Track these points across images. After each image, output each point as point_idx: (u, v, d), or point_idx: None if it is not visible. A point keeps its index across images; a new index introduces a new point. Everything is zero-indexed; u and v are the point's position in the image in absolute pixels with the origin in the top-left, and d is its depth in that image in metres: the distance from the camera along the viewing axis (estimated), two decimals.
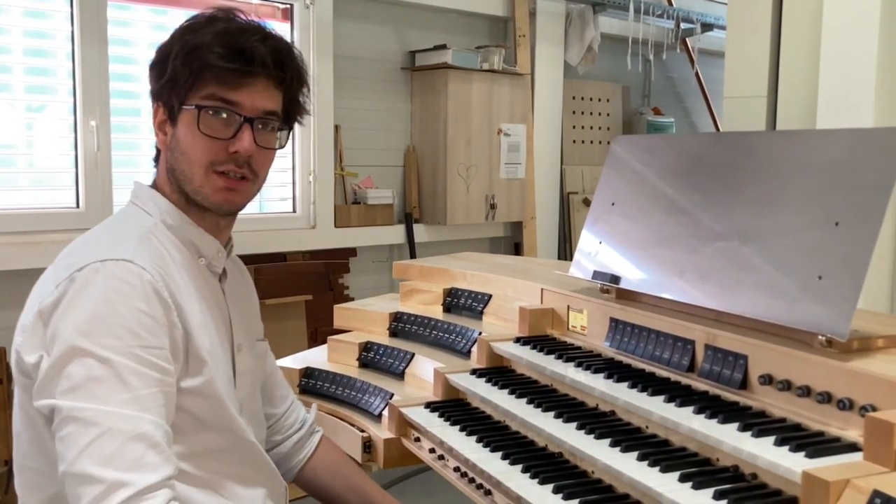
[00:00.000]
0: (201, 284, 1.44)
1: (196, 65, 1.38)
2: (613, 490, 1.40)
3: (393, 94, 4.45)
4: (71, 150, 3.40)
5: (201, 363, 1.37)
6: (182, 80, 1.39)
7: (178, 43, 1.40)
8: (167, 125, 1.44)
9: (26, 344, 1.29)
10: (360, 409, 2.05)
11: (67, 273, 1.29)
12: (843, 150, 1.45)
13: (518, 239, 4.99)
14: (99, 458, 1.17)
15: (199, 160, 1.40)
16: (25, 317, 1.32)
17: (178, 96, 1.40)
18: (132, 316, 1.25)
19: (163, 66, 1.41)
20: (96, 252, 1.31)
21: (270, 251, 3.92)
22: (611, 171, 1.97)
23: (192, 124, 1.39)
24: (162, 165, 1.48)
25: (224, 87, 1.39)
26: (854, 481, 1.06)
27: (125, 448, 1.18)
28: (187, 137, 1.40)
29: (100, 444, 1.18)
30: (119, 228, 1.43)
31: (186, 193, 1.44)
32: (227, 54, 1.37)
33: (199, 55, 1.37)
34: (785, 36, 3.40)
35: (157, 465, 1.20)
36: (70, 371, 1.22)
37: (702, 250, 1.64)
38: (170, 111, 1.43)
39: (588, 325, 1.87)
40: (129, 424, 1.20)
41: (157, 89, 1.44)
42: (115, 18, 3.47)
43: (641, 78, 5.76)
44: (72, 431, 1.20)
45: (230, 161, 1.41)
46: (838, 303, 1.33)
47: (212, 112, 1.39)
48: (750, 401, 1.42)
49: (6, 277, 3.15)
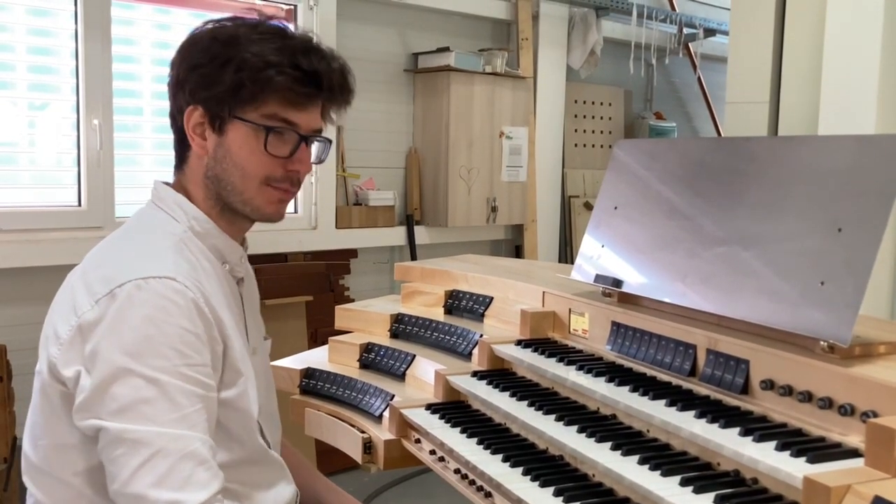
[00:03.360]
0: (227, 291, 1.45)
1: (264, 83, 1.36)
2: (614, 493, 1.40)
3: (395, 95, 4.45)
4: (73, 149, 3.40)
5: (237, 374, 1.39)
6: (244, 94, 1.36)
7: (239, 54, 1.35)
8: (207, 130, 1.41)
9: (63, 357, 1.28)
10: (361, 410, 2.05)
11: (107, 288, 1.28)
12: (845, 157, 1.45)
13: (519, 242, 4.99)
14: (152, 479, 1.20)
15: (255, 175, 1.41)
16: (61, 327, 1.30)
17: (232, 108, 1.38)
18: (178, 335, 1.26)
19: (213, 72, 1.37)
20: (135, 267, 1.29)
21: (272, 251, 3.92)
22: (613, 175, 1.97)
23: (252, 141, 1.39)
24: (196, 170, 1.44)
25: (288, 107, 1.39)
26: (855, 487, 1.07)
27: (176, 468, 1.21)
28: (243, 152, 1.39)
29: (152, 465, 1.21)
30: (149, 237, 1.40)
31: (228, 202, 1.43)
32: (300, 77, 1.37)
33: (269, 74, 1.35)
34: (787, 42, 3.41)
35: (206, 482, 1.23)
36: (117, 392, 1.23)
37: (704, 255, 1.64)
38: (214, 118, 1.39)
39: (589, 329, 1.87)
40: (178, 444, 1.22)
41: (201, 94, 1.39)
42: (118, 17, 3.47)
43: (644, 82, 5.76)
44: (123, 452, 1.22)
45: (286, 179, 1.43)
46: (840, 308, 1.33)
47: (279, 133, 1.39)
48: (751, 406, 1.42)
49: (8, 275, 3.15)
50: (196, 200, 1.45)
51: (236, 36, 1.38)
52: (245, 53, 1.36)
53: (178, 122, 1.44)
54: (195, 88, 1.39)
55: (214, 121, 1.40)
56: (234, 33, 1.39)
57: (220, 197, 1.44)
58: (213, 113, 1.39)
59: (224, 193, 1.43)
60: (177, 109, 1.43)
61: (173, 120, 1.46)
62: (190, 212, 1.43)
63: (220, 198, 1.44)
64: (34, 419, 1.38)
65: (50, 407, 1.33)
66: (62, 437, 1.32)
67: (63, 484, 1.34)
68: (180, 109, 1.42)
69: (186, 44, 1.43)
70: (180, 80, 1.41)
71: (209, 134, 1.41)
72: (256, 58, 1.35)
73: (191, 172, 1.46)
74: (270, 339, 1.68)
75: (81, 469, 1.32)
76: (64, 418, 1.31)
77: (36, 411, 1.37)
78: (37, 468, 1.37)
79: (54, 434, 1.33)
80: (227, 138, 1.40)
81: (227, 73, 1.36)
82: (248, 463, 1.44)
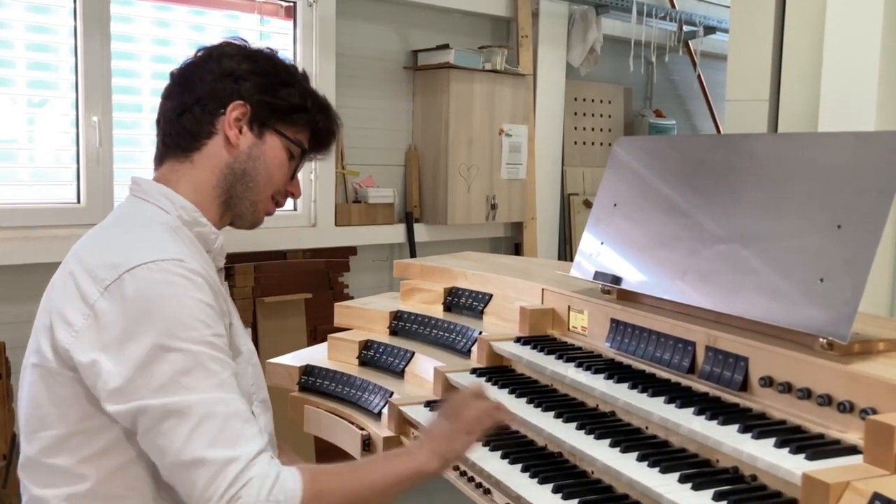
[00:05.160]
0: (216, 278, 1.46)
1: (314, 120, 1.55)
2: (613, 490, 1.41)
3: (395, 93, 4.44)
4: (72, 146, 3.39)
5: (237, 352, 1.44)
6: (295, 117, 1.53)
7: (298, 84, 1.54)
8: (244, 127, 1.49)
9: (77, 343, 1.30)
10: (360, 407, 2.05)
11: (114, 273, 1.30)
12: (845, 154, 1.45)
13: (518, 240, 4.98)
14: (205, 441, 1.24)
15: (273, 186, 1.54)
16: (72, 315, 1.31)
17: (277, 121, 1.51)
18: (198, 307, 1.31)
19: (276, 85, 1.51)
20: (141, 252, 1.32)
21: (271, 249, 3.91)
22: (613, 173, 1.97)
23: (283, 154, 1.53)
24: (217, 158, 1.49)
25: (310, 143, 1.58)
26: (854, 484, 1.07)
27: (226, 427, 1.26)
28: (277, 161, 1.53)
29: (202, 429, 1.24)
30: (144, 226, 1.43)
31: (236, 196, 1.51)
32: (330, 131, 1.61)
33: (319, 117, 1.56)
34: (787, 39, 3.40)
35: (254, 436, 1.28)
36: (155, 370, 1.26)
37: (703, 252, 1.64)
38: (256, 119, 1.49)
39: (589, 326, 1.87)
40: (222, 406, 1.27)
41: (257, 96, 1.49)
42: (117, 14, 3.46)
43: (643, 80, 5.75)
44: (172, 424, 1.25)
45: (285, 195, 1.59)
46: (840, 306, 1.33)
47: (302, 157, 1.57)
48: (750, 403, 1.42)
49: (6, 272, 3.15)
50: (203, 185, 1.49)
51: (290, 69, 1.56)
52: (301, 87, 1.54)
53: (208, 106, 1.48)
54: (251, 89, 1.49)
55: (255, 122, 1.49)
56: (287, 66, 1.56)
57: (232, 189, 1.50)
58: (259, 116, 1.50)
59: (240, 188, 1.51)
60: (215, 96, 1.48)
61: (197, 103, 1.49)
62: (177, 201, 1.46)
63: (231, 189, 1.50)
64: (31, 412, 1.37)
65: (57, 395, 1.33)
66: (72, 425, 1.32)
67: (65, 474, 1.33)
68: (221, 99, 1.48)
69: (241, 49, 1.53)
70: (236, 74, 1.49)
71: (245, 131, 1.49)
72: (312, 99, 1.55)
73: (204, 159, 1.49)
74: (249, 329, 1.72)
75: (88, 455, 1.32)
76: (73, 405, 1.32)
77: (33, 403, 1.37)
78: (33, 462, 1.37)
79: (64, 423, 1.33)
80: (266, 143, 1.51)
81: (287, 94, 1.51)
82: None
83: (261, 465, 1.25)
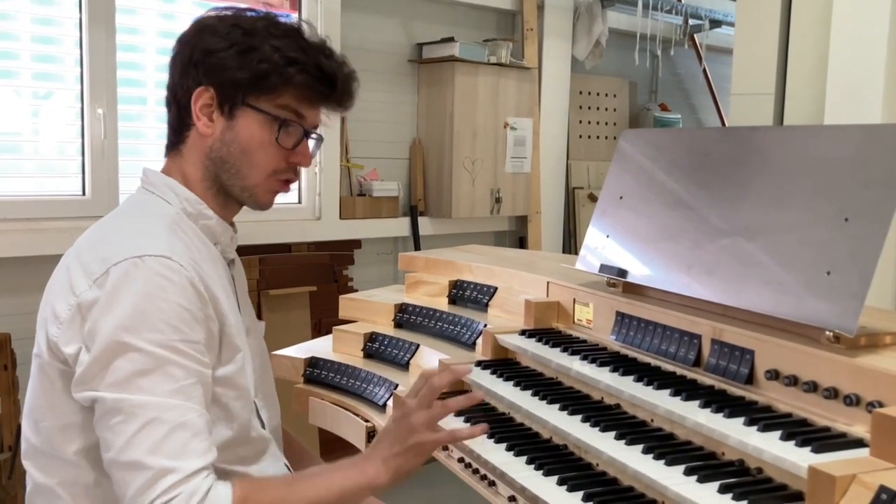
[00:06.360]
0: (220, 271, 1.46)
1: (287, 77, 1.40)
2: (618, 482, 1.41)
3: (399, 86, 4.44)
4: (77, 138, 3.40)
5: (235, 350, 1.41)
6: (265, 84, 1.40)
7: (263, 45, 1.39)
8: (215, 113, 1.42)
9: (64, 336, 1.30)
10: (365, 399, 2.05)
11: (103, 267, 1.29)
12: (852, 146, 1.45)
13: (523, 233, 4.98)
14: (147, 446, 1.22)
15: (264, 166, 1.44)
16: (60, 307, 1.31)
17: (246, 95, 1.41)
18: (173, 310, 1.27)
19: (233, 58, 1.39)
20: (131, 246, 1.31)
21: (275, 242, 3.91)
22: (619, 165, 1.96)
23: (262, 130, 1.42)
24: (196, 150, 1.45)
25: (301, 102, 1.44)
26: (860, 476, 1.06)
27: (171, 436, 1.23)
28: (254, 140, 1.42)
29: (147, 433, 1.22)
30: (143, 218, 1.42)
31: (226, 184, 1.46)
32: (320, 77, 1.43)
33: (292, 70, 1.40)
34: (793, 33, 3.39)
35: (201, 452, 1.25)
36: (115, 365, 1.24)
37: (709, 245, 1.64)
38: (225, 102, 1.41)
39: (594, 319, 1.87)
40: (174, 413, 1.24)
41: (216, 77, 1.40)
42: (122, 6, 3.46)
43: (649, 74, 5.74)
44: (119, 421, 1.23)
45: (290, 170, 1.48)
46: (846, 298, 1.33)
47: (288, 125, 1.43)
48: (756, 395, 1.42)
49: (12, 264, 3.16)
50: (192, 181, 1.46)
51: (257, 28, 1.41)
52: (267, 46, 1.39)
53: (181, 100, 1.45)
54: (211, 70, 1.41)
55: (224, 104, 1.42)
56: (255, 25, 1.42)
57: (219, 179, 1.46)
58: (226, 97, 1.41)
59: (225, 176, 1.45)
60: (182, 88, 1.44)
61: (174, 98, 1.46)
62: (181, 194, 1.45)
63: (218, 179, 1.46)
64: (34, 402, 1.39)
65: (51, 387, 1.34)
66: (64, 417, 1.33)
67: (65, 463, 1.35)
68: (187, 89, 1.43)
69: (201, 26, 1.44)
70: (194, 60, 1.42)
71: (216, 116, 1.43)
72: (280, 52, 1.39)
73: (189, 152, 1.47)
74: (264, 322, 1.70)
75: (82, 447, 1.33)
76: (65, 397, 1.32)
77: (36, 393, 1.38)
78: (37, 450, 1.38)
79: (56, 414, 1.34)
80: (238, 124, 1.42)
81: (248, 61, 1.39)
82: (241, 441, 1.44)
83: (195, 482, 1.22)
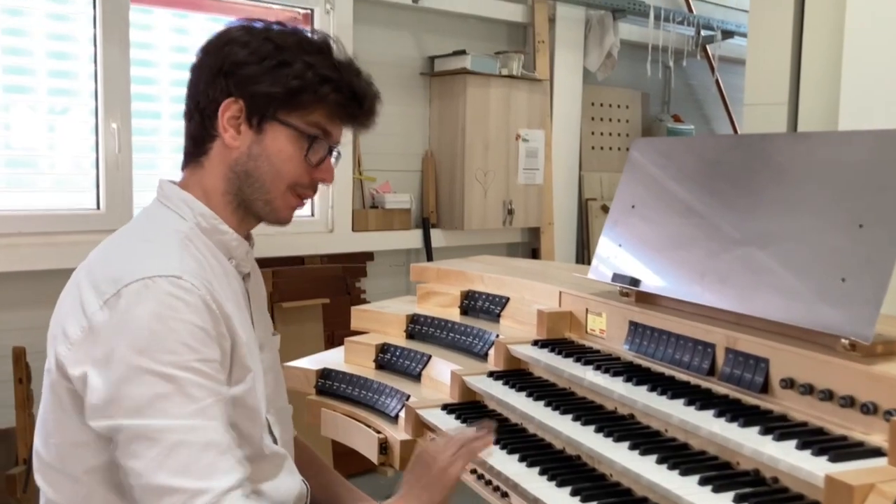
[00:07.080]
0: (234, 287, 1.44)
1: (322, 94, 1.40)
2: (632, 493, 1.39)
3: (411, 99, 4.45)
4: (92, 152, 3.42)
5: (245, 370, 1.39)
6: (297, 101, 1.39)
7: (296, 61, 1.39)
8: (242, 125, 1.41)
9: (72, 357, 1.28)
10: (377, 410, 2.04)
11: (114, 288, 1.27)
12: (865, 152, 1.44)
13: (535, 245, 4.97)
14: (174, 469, 1.21)
15: (286, 179, 1.43)
16: (70, 327, 1.30)
17: (278, 109, 1.40)
18: (187, 330, 1.26)
19: (266, 72, 1.38)
20: (141, 266, 1.29)
21: (288, 255, 3.93)
22: (630, 175, 1.96)
23: (291, 145, 1.41)
24: (221, 161, 1.43)
25: (331, 120, 1.44)
26: (879, 486, 1.05)
27: (198, 457, 1.22)
28: (282, 155, 1.42)
29: (174, 457, 1.21)
30: (155, 235, 1.40)
31: (248, 198, 1.44)
32: (352, 97, 1.44)
33: (326, 89, 1.40)
34: (806, 43, 3.38)
35: (229, 469, 1.24)
36: (132, 391, 1.23)
37: (722, 253, 1.62)
38: (254, 114, 1.40)
39: (607, 329, 1.86)
40: (197, 434, 1.23)
41: (248, 89, 1.39)
42: (136, 22, 3.50)
43: (661, 85, 5.73)
44: (144, 447, 1.22)
45: (310, 186, 1.47)
46: (862, 305, 1.32)
47: (317, 142, 1.43)
48: (771, 404, 1.41)
49: (27, 278, 3.18)
50: (212, 193, 1.44)
51: (288, 43, 1.41)
52: (300, 62, 1.39)
53: (205, 110, 1.42)
54: (241, 82, 1.39)
55: (253, 117, 1.40)
56: (286, 40, 1.41)
57: (241, 192, 1.44)
58: (255, 110, 1.40)
59: (248, 190, 1.43)
60: (208, 98, 1.41)
61: (196, 107, 1.44)
62: (196, 208, 1.42)
63: (241, 193, 1.44)
64: (45, 417, 1.37)
65: (60, 405, 1.33)
66: (73, 435, 1.32)
67: (75, 481, 1.33)
68: (214, 99, 1.41)
69: (229, 37, 1.42)
70: (224, 70, 1.40)
71: (244, 129, 1.41)
72: (314, 70, 1.39)
73: (211, 164, 1.44)
74: (279, 335, 1.68)
75: (93, 466, 1.31)
76: (74, 416, 1.30)
77: (47, 409, 1.37)
78: (48, 466, 1.37)
79: (65, 432, 1.33)
80: (266, 137, 1.41)
81: (281, 76, 1.38)
82: (256, 459, 1.43)
83: (228, 501, 1.21)
